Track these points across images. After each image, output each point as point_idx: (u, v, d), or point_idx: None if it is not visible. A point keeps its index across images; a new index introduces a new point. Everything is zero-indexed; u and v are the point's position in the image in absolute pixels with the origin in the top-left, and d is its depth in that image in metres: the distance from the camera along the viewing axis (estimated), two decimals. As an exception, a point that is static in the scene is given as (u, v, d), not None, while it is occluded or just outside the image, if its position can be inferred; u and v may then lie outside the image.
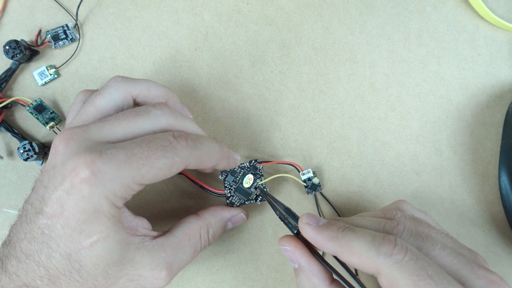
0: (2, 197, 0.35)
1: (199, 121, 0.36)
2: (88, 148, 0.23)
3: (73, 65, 0.36)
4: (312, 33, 0.36)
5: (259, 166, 0.32)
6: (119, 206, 0.23)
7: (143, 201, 0.35)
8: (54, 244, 0.22)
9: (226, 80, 0.36)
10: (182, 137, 0.24)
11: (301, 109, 0.36)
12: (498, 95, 0.36)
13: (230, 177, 0.31)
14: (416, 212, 0.29)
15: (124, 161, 0.22)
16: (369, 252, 0.22)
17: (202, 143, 0.26)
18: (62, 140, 0.23)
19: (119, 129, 0.24)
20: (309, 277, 0.25)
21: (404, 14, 0.37)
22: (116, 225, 0.23)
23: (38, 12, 0.36)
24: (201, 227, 0.28)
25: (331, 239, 0.23)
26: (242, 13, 0.36)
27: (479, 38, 0.37)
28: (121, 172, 0.22)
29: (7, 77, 0.34)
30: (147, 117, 0.25)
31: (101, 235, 0.23)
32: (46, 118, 0.34)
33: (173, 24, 0.36)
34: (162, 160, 0.23)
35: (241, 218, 0.31)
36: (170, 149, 0.24)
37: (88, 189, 0.22)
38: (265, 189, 0.31)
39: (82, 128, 0.24)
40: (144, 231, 0.26)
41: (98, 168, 0.22)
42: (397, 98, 0.36)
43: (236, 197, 0.31)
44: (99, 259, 0.23)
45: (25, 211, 0.24)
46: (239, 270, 0.34)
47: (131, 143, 0.23)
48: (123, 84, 0.27)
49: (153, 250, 0.25)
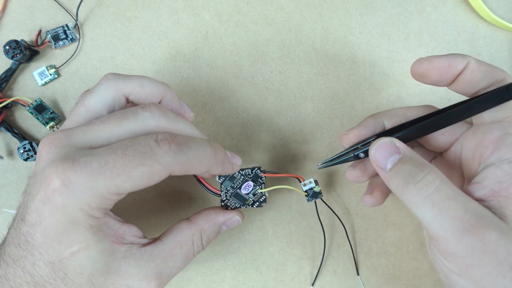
0: (2, 197, 0.35)
1: (199, 121, 0.36)
2: (63, 156, 0.21)
3: (73, 65, 0.36)
4: (312, 33, 0.37)
5: (262, 175, 0.30)
6: (97, 217, 0.22)
7: (143, 200, 0.35)
8: (37, 252, 0.22)
9: (226, 80, 0.36)
10: (165, 141, 0.22)
11: (301, 109, 0.36)
12: (498, 95, 0.36)
13: (227, 183, 0.29)
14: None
15: (97, 170, 0.21)
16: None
17: (190, 147, 0.23)
18: (45, 145, 0.22)
19: (103, 133, 0.23)
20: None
21: (404, 14, 0.37)
22: (97, 234, 0.22)
23: (38, 12, 0.36)
24: (194, 233, 0.27)
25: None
26: (242, 13, 0.37)
27: (479, 38, 0.37)
28: (93, 183, 0.21)
29: (7, 77, 0.34)
30: (134, 119, 0.24)
31: (81, 245, 0.22)
32: (46, 118, 0.34)
33: (173, 24, 0.36)
34: (139, 168, 0.21)
35: (236, 221, 0.30)
36: (149, 156, 0.22)
37: (60, 200, 0.21)
38: (265, 196, 0.30)
39: (66, 132, 0.23)
40: (132, 239, 0.24)
41: (69, 178, 0.21)
42: (397, 98, 0.36)
43: (232, 201, 0.30)
44: (82, 269, 0.22)
45: (16, 215, 0.24)
46: (239, 270, 0.34)
47: (107, 150, 0.22)
48: (113, 81, 0.26)
49: (141, 259, 0.24)
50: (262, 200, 0.29)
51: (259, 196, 0.29)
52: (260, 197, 0.29)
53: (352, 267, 0.34)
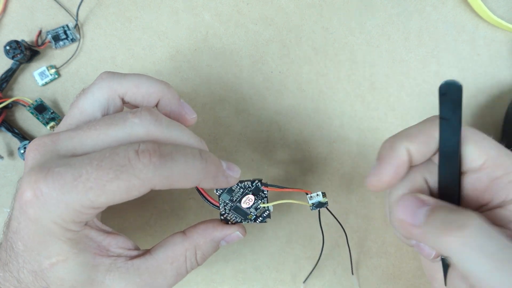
0: (2, 197, 0.35)
1: (199, 121, 0.36)
2: (40, 165, 0.20)
3: (74, 65, 0.36)
4: (312, 33, 0.37)
5: (263, 188, 0.27)
6: (74, 230, 0.21)
7: (143, 200, 0.35)
8: (21, 260, 0.21)
9: (226, 80, 0.36)
10: (146, 153, 0.20)
11: (301, 109, 0.36)
12: (497, 95, 0.36)
13: (225, 196, 0.27)
14: None
15: (70, 183, 0.19)
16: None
17: (175, 159, 0.21)
18: (30, 150, 0.22)
19: (89, 140, 0.22)
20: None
21: (404, 14, 0.37)
22: (76, 247, 0.21)
23: (39, 13, 0.36)
24: (187, 248, 0.25)
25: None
26: (242, 14, 0.37)
27: (479, 38, 0.37)
28: (65, 196, 0.19)
29: (8, 77, 0.34)
30: (122, 126, 0.22)
31: (59, 257, 0.21)
32: (46, 118, 0.34)
33: (173, 24, 0.36)
34: (115, 182, 0.20)
35: (237, 237, 0.27)
36: (126, 170, 0.20)
37: (33, 212, 0.20)
38: (268, 211, 0.28)
39: (52, 137, 0.22)
40: (118, 251, 0.23)
41: (40, 190, 0.19)
42: (397, 98, 0.36)
43: (232, 215, 0.27)
44: (63, 281, 0.21)
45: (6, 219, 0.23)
46: (239, 270, 0.34)
47: (84, 160, 0.20)
48: (107, 81, 0.24)
49: (127, 274, 0.22)
50: (266, 215, 0.28)
51: (262, 211, 0.27)
52: (263, 212, 0.27)
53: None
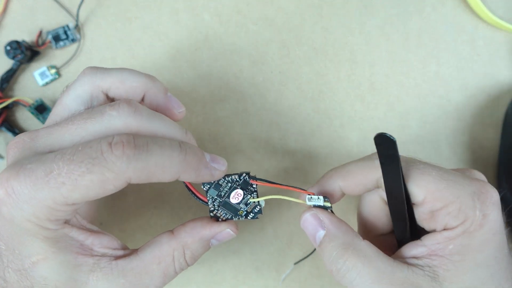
0: (3, 197, 0.35)
1: (199, 121, 0.36)
2: (14, 162, 0.20)
3: (74, 65, 0.36)
4: (312, 33, 0.37)
5: (251, 182, 0.26)
6: (50, 228, 0.20)
7: (143, 200, 0.35)
8: (6, 259, 0.21)
9: (226, 80, 0.36)
10: (119, 145, 0.19)
11: (301, 109, 0.36)
12: (497, 95, 0.36)
13: (212, 191, 0.26)
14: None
15: (41, 179, 0.19)
16: None
17: (151, 151, 0.20)
18: (10, 148, 0.21)
19: (67, 135, 0.21)
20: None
21: (403, 14, 0.37)
22: (55, 246, 0.21)
23: (39, 13, 0.36)
24: (175, 248, 0.24)
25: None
26: (242, 14, 0.37)
27: (478, 38, 0.37)
28: (37, 193, 0.19)
29: (8, 78, 0.34)
30: (100, 119, 0.21)
31: (39, 256, 0.21)
32: (47, 118, 0.34)
33: (173, 24, 0.36)
34: (87, 176, 0.19)
35: (228, 234, 0.26)
36: (98, 162, 0.19)
37: (6, 211, 0.20)
38: (259, 206, 0.26)
39: (31, 134, 0.21)
40: (102, 250, 0.22)
41: (12, 187, 0.19)
42: (396, 98, 0.36)
43: (222, 211, 0.26)
44: (46, 280, 0.21)
45: None
46: (239, 270, 0.34)
47: (56, 155, 0.20)
48: (89, 77, 0.24)
49: (111, 274, 0.22)
50: (257, 211, 0.26)
51: (253, 206, 0.26)
52: (254, 207, 0.26)
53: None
